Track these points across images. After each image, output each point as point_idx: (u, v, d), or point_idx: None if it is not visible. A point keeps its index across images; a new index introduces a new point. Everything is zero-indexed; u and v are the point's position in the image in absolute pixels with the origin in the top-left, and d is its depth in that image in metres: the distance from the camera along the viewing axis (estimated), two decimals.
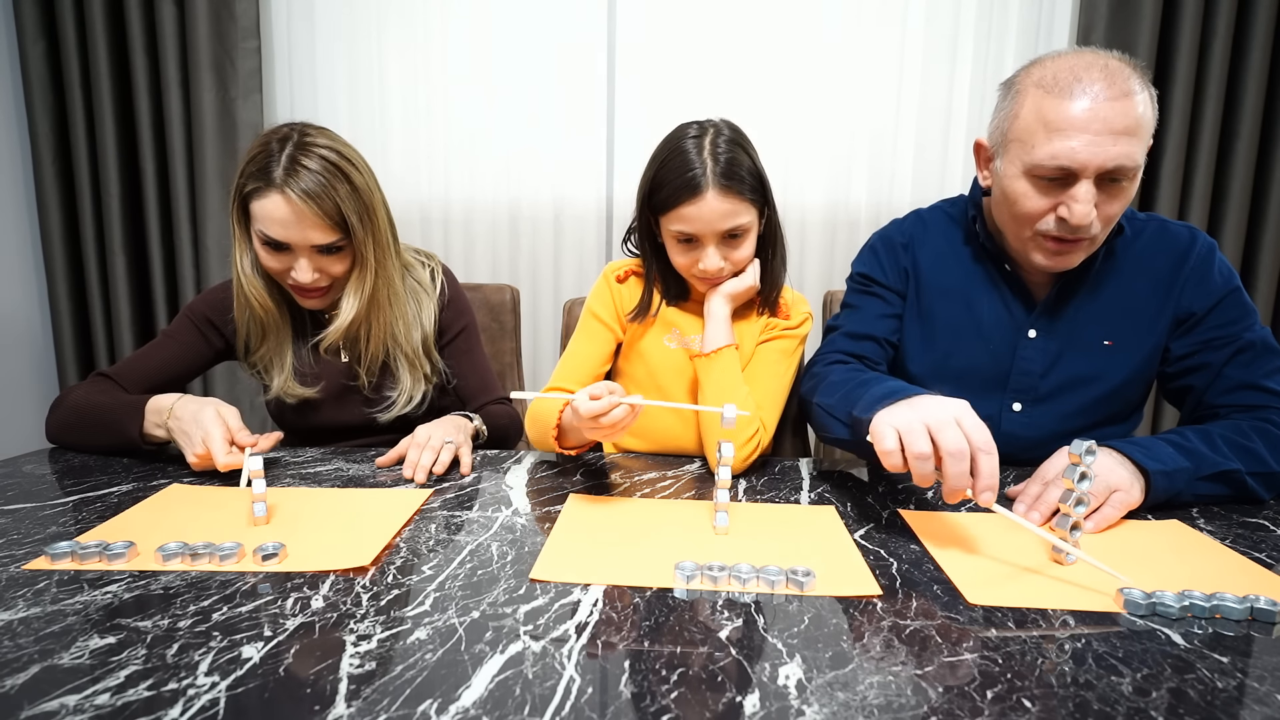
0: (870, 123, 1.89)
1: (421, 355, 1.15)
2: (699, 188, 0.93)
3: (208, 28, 1.76)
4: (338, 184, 0.98)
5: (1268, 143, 1.79)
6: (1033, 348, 1.00)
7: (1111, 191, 0.86)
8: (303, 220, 0.97)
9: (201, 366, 1.15)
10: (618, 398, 0.79)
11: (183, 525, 0.73)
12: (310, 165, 0.97)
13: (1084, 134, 0.82)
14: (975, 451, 0.66)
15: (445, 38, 1.88)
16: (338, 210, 0.99)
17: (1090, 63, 0.84)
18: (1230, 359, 0.94)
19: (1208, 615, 0.57)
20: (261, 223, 0.98)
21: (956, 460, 0.66)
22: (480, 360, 1.23)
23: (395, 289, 1.10)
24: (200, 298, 1.15)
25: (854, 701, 0.45)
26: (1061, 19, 1.85)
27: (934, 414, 0.69)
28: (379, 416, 1.13)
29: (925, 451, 0.67)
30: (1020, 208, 0.90)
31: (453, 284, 1.21)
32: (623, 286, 1.10)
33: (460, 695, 0.45)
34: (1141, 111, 0.82)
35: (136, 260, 1.93)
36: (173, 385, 1.06)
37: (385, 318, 1.10)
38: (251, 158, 0.99)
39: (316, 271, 1.02)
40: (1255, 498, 0.85)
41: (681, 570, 0.62)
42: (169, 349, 1.11)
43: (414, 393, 1.14)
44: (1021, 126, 0.87)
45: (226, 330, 1.13)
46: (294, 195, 0.96)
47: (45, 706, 0.44)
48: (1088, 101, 0.82)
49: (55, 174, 1.87)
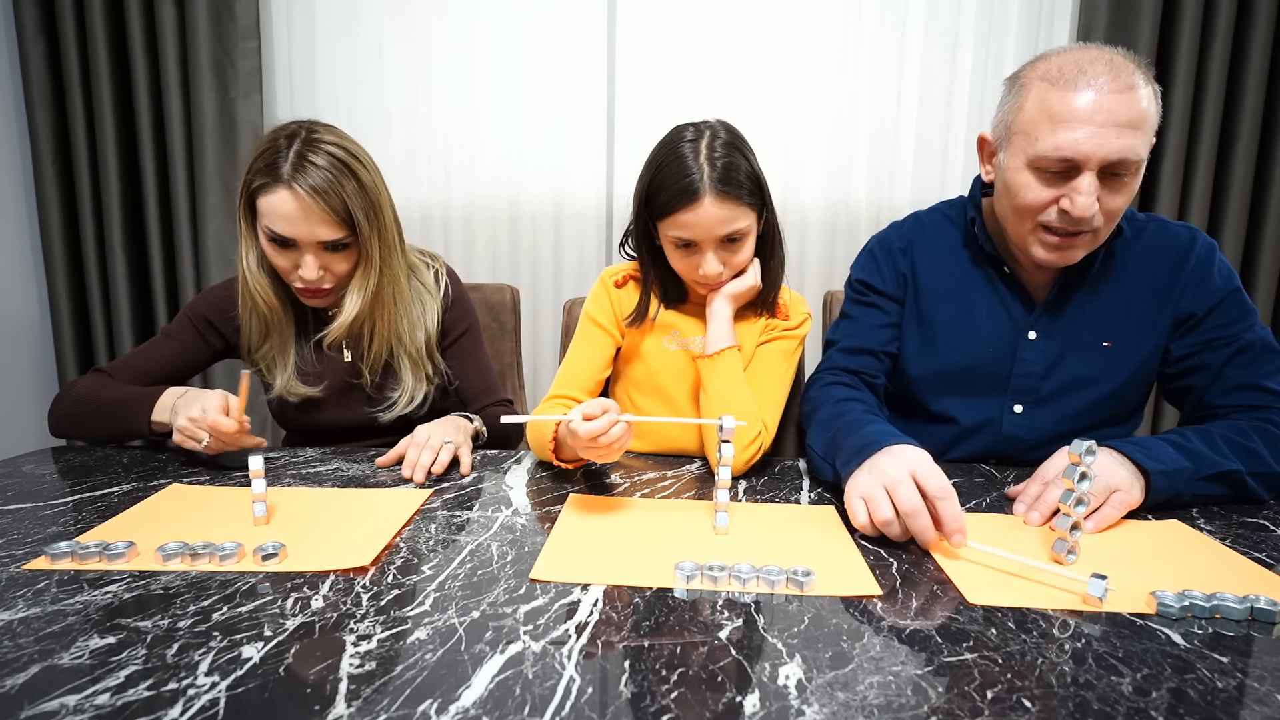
0: (870, 122, 1.89)
1: (424, 356, 1.14)
2: (697, 194, 0.93)
3: (208, 28, 1.76)
4: (345, 181, 0.98)
5: (1268, 143, 1.79)
6: (1033, 349, 1.00)
7: (1114, 185, 0.86)
8: (310, 216, 0.97)
9: (199, 366, 1.15)
10: (614, 415, 0.77)
11: (183, 525, 0.73)
12: (318, 162, 0.97)
13: (1088, 125, 0.82)
14: (933, 502, 0.69)
15: (445, 37, 1.88)
16: (344, 207, 0.99)
17: (1095, 57, 0.84)
18: (1230, 359, 0.94)
19: (1208, 615, 0.57)
20: (268, 219, 0.98)
21: (914, 518, 0.69)
22: (483, 362, 1.23)
23: (400, 287, 1.10)
24: (200, 297, 1.15)
25: (854, 701, 0.45)
26: (1061, 19, 1.85)
27: (890, 474, 0.72)
28: (380, 416, 1.13)
29: (888, 518, 0.70)
30: (1023, 199, 0.90)
31: (456, 285, 1.21)
32: (621, 292, 1.09)
33: (460, 695, 0.45)
34: (1145, 106, 0.82)
35: (136, 260, 1.93)
36: (169, 383, 1.06)
37: (389, 316, 1.09)
38: (259, 154, 0.99)
39: (322, 269, 1.02)
40: (1255, 498, 0.85)
41: (681, 570, 0.62)
42: (167, 348, 1.12)
43: (416, 393, 1.14)
44: (1026, 119, 0.87)
45: (226, 330, 1.13)
46: (301, 191, 0.96)
47: (45, 706, 0.44)
48: (1092, 94, 0.82)
49: (55, 174, 1.87)
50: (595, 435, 0.76)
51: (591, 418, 0.76)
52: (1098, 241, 0.92)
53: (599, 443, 0.76)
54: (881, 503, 0.71)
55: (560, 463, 0.91)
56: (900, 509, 0.70)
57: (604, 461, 0.82)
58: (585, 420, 0.76)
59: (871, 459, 0.76)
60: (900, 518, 0.70)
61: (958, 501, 0.69)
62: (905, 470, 0.71)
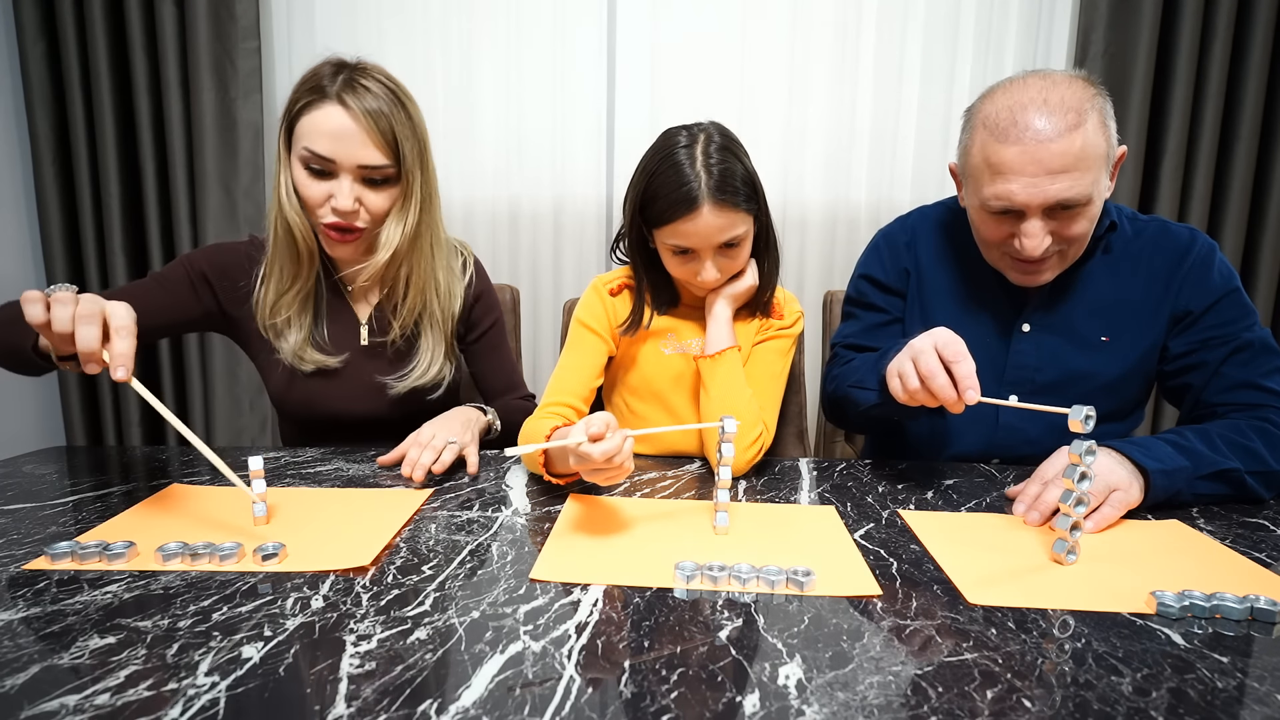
0: (870, 122, 1.89)
1: (450, 334, 1.09)
2: (694, 203, 0.91)
3: (208, 28, 1.76)
4: (395, 110, 0.93)
5: (1268, 143, 1.79)
6: (1027, 341, 1.01)
7: (1067, 217, 0.89)
8: (354, 136, 0.91)
9: (184, 324, 1.05)
10: (622, 431, 0.71)
11: (183, 525, 0.73)
12: (369, 86, 0.92)
13: (1020, 177, 0.86)
14: (949, 365, 0.77)
15: (445, 38, 1.88)
16: (393, 134, 0.93)
17: (1032, 99, 0.85)
18: (1228, 358, 0.94)
19: (1208, 615, 0.57)
20: (309, 138, 0.92)
21: (932, 378, 0.77)
22: (507, 357, 1.20)
23: (439, 238, 1.03)
24: (203, 254, 1.05)
25: (854, 701, 0.45)
26: (1061, 19, 1.85)
27: (915, 346, 0.80)
28: (394, 385, 1.07)
29: (916, 386, 0.79)
30: (982, 234, 0.96)
31: (483, 278, 1.17)
32: (615, 300, 1.07)
33: (460, 695, 0.45)
34: (1083, 143, 0.84)
35: (136, 260, 1.93)
36: (149, 336, 0.96)
37: (426, 266, 1.02)
38: (304, 81, 0.93)
39: (357, 202, 0.95)
40: (1255, 497, 0.85)
41: (681, 570, 0.62)
42: (156, 296, 0.99)
43: (434, 365, 1.07)
44: (972, 164, 0.92)
45: (224, 295, 1.05)
46: (352, 105, 0.91)
47: (45, 706, 0.44)
48: (1022, 146, 0.85)
49: (55, 174, 1.87)
50: (610, 455, 0.68)
51: (599, 437, 0.68)
52: (1067, 262, 0.95)
53: (613, 463, 0.69)
54: (910, 374, 0.79)
55: (551, 477, 0.84)
56: (921, 373, 0.78)
57: (610, 483, 0.75)
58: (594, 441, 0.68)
59: (908, 344, 0.83)
60: (923, 381, 0.78)
61: (972, 364, 0.76)
62: (929, 342, 0.79)
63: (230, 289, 1.05)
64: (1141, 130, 1.77)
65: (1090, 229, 0.91)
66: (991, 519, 0.80)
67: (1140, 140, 1.77)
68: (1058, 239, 0.90)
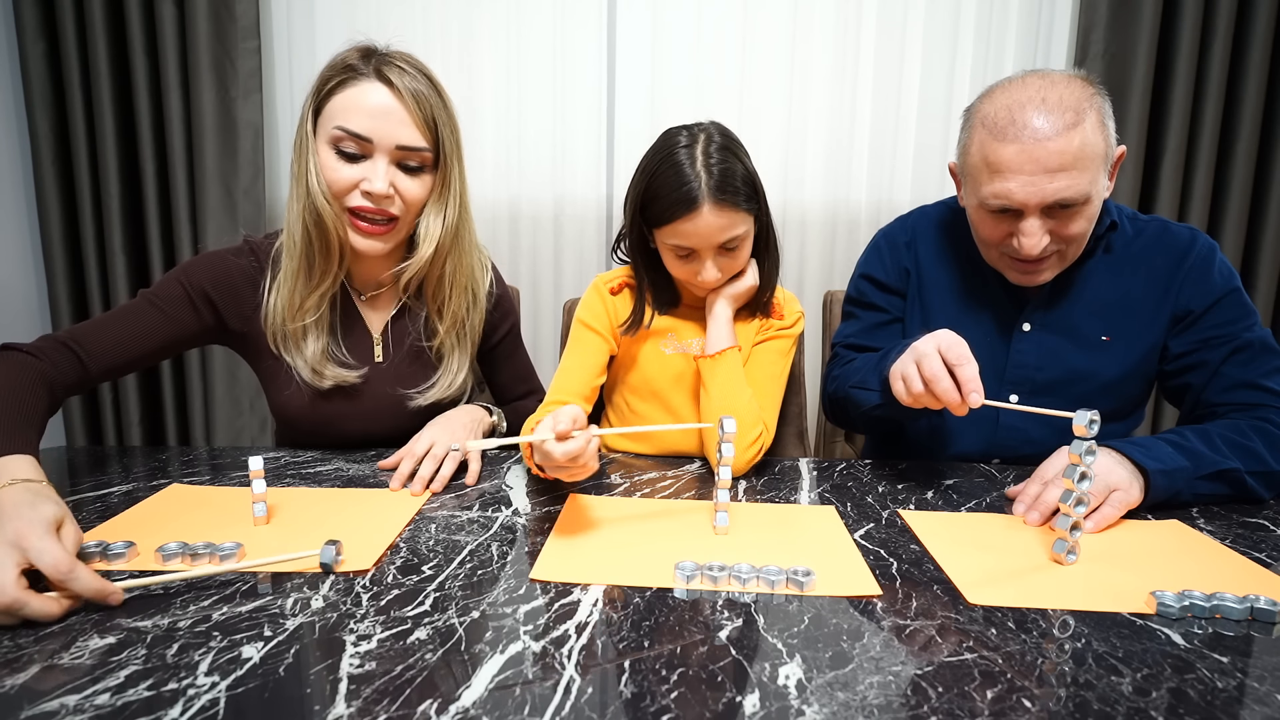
0: (870, 122, 1.89)
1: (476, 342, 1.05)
2: (695, 203, 0.91)
3: (208, 28, 1.76)
4: (432, 94, 0.90)
5: (1268, 143, 1.79)
6: (1028, 340, 1.02)
7: (1066, 215, 0.89)
8: (395, 114, 0.87)
9: (183, 345, 0.97)
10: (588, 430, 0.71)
11: (183, 525, 0.73)
12: (406, 68, 0.89)
13: (1019, 175, 0.86)
14: (952, 368, 0.76)
15: (445, 38, 1.88)
16: (433, 119, 0.89)
17: (1030, 98, 0.86)
18: (1228, 357, 0.94)
19: (1208, 615, 0.57)
20: (343, 115, 0.87)
21: (936, 382, 0.77)
22: (523, 362, 1.17)
23: (474, 235, 0.98)
24: (202, 268, 0.96)
25: (854, 701, 0.45)
26: (1061, 19, 1.85)
27: (919, 349, 0.80)
28: (416, 399, 1.01)
29: (920, 389, 0.79)
30: (981, 234, 0.96)
31: (500, 282, 1.13)
32: (616, 299, 1.07)
33: (460, 695, 0.45)
34: (1081, 142, 0.84)
35: (136, 260, 1.92)
36: (147, 360, 0.93)
37: (468, 262, 0.97)
38: (330, 65, 0.90)
39: (391, 186, 0.89)
40: (1255, 497, 0.85)
41: (681, 570, 0.62)
42: (152, 319, 0.92)
43: (459, 376, 1.03)
44: (971, 162, 0.92)
45: (227, 311, 0.97)
46: (395, 83, 0.87)
47: (45, 706, 0.44)
48: (1020, 144, 0.85)
49: (55, 174, 1.87)
50: (574, 455, 0.70)
51: (565, 435, 0.69)
52: (1066, 262, 0.95)
53: (577, 462, 0.71)
54: (913, 377, 0.79)
55: (540, 472, 0.82)
56: (925, 377, 0.78)
57: (573, 480, 0.77)
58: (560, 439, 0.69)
59: (911, 345, 0.83)
60: (927, 385, 0.77)
61: (975, 367, 0.76)
62: (932, 345, 0.79)
63: (234, 304, 0.97)
64: (1141, 130, 1.77)
65: (1089, 228, 0.91)
66: (991, 519, 0.80)
67: (1140, 140, 1.77)
68: (1056, 238, 0.90)
